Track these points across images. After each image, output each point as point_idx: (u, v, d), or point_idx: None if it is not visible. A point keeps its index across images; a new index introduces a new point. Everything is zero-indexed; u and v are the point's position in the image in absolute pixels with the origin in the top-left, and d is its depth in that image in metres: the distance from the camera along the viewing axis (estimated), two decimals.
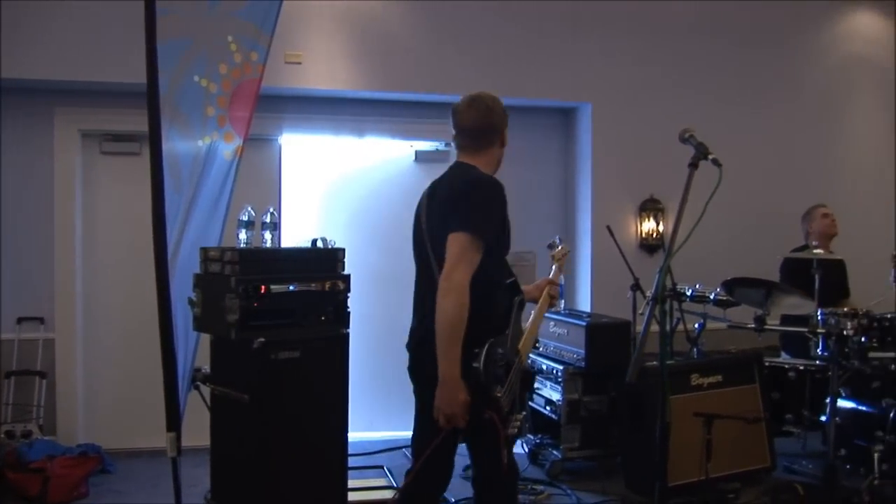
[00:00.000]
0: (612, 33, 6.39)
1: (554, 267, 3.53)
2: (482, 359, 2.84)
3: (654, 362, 3.17)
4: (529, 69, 6.17)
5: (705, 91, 6.59)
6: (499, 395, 2.86)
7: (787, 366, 5.03)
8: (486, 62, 6.07)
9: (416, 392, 3.13)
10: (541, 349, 5.45)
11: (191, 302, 3.90)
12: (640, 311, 2.35)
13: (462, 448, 3.04)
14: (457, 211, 2.87)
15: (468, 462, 3.10)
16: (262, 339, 3.65)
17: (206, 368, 3.93)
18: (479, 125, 3.07)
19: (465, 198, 2.89)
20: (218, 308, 3.71)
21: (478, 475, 3.03)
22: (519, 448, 4.88)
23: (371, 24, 5.88)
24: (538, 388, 5.40)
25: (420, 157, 6.44)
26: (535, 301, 3.32)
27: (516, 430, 2.91)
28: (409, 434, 3.20)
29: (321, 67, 5.77)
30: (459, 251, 2.80)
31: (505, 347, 2.90)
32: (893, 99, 7.17)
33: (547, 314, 3.61)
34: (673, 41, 6.54)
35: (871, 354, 4.72)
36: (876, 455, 4.48)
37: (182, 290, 3.89)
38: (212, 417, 3.91)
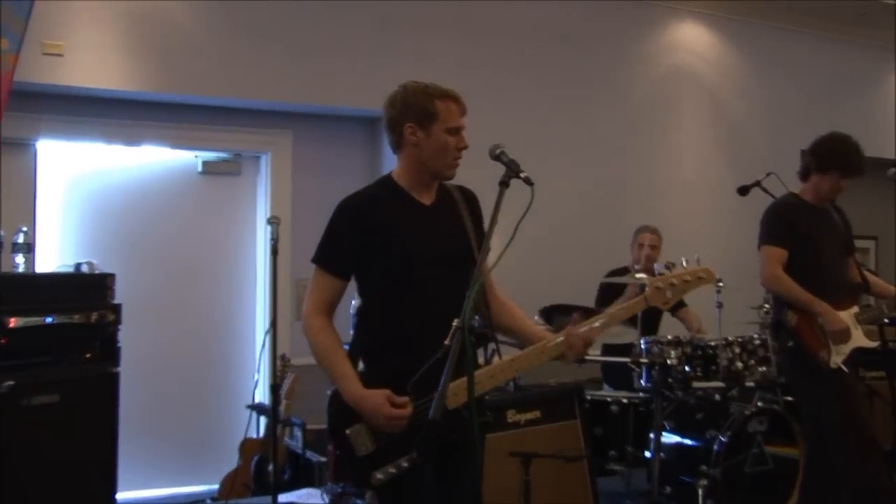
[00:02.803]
0: (426, 35, 6.56)
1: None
2: (329, 397, 2.89)
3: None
4: (333, 73, 6.25)
5: (527, 101, 6.88)
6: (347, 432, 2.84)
7: (609, 399, 5.26)
8: (285, 64, 6.10)
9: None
10: None
11: None
12: (445, 340, 2.42)
13: None
14: None
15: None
16: (11, 382, 3.49)
17: None
18: (385, 124, 3.08)
19: None
20: None
21: None
22: (318, 498, 4.88)
23: (152, 16, 5.76)
24: None
25: (208, 168, 6.36)
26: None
27: (383, 476, 2.81)
28: (193, 490, 3.14)
29: (88, 62, 5.60)
30: (310, 281, 2.97)
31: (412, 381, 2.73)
32: (717, 115, 7.77)
33: None
34: (493, 45, 6.80)
35: (695, 384, 5.07)
36: (700, 491, 4.80)
37: None
38: None
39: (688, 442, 5.05)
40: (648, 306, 3.06)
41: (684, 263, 3.13)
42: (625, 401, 5.22)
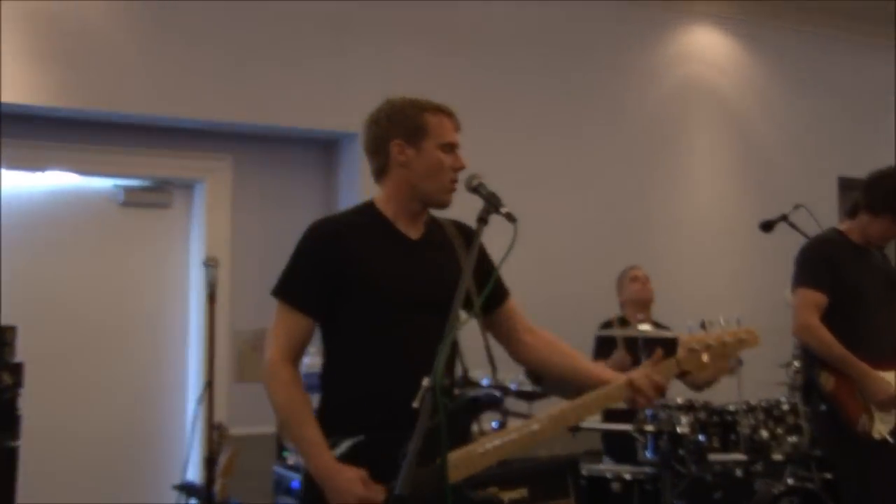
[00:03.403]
0: (391, 42, 6.63)
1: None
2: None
3: None
4: (281, 86, 6.30)
5: (510, 121, 6.95)
6: None
7: (609, 474, 5.24)
8: (223, 75, 6.11)
9: None
10: None
11: None
12: (414, 403, 2.44)
13: None
14: None
15: None
16: None
17: None
18: (367, 145, 3.17)
19: None
20: None
21: None
22: None
23: (60, 17, 5.75)
24: None
25: (130, 199, 6.36)
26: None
27: None
28: None
29: None
30: (273, 320, 3.01)
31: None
32: (736, 136, 7.86)
33: None
34: (471, 55, 6.87)
35: (712, 457, 5.10)
36: None
37: None
38: None
39: None
40: (680, 371, 3.11)
41: (722, 322, 3.18)
42: (628, 476, 5.21)
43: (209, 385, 4.85)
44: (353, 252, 2.97)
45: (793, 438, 5.06)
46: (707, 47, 7.81)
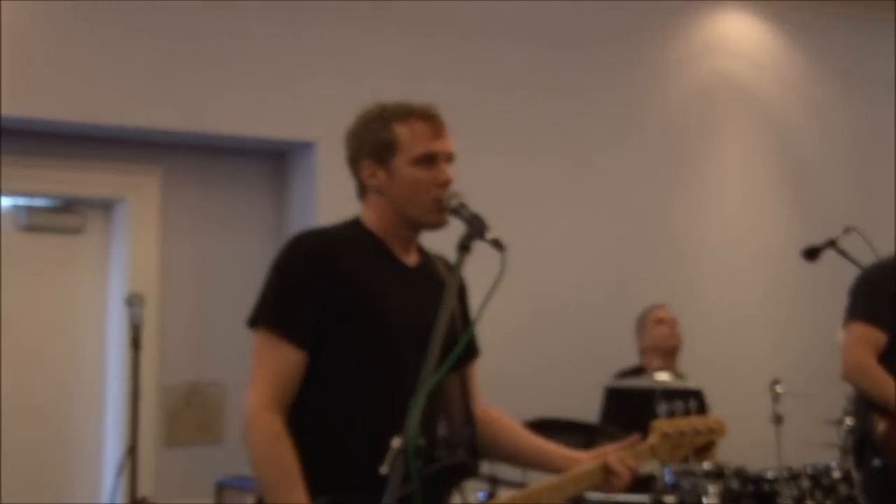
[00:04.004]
0: (352, 36, 6.64)
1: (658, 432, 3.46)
2: None
3: None
4: (221, 88, 6.30)
5: (504, 127, 6.96)
6: None
7: None
8: (150, 75, 6.10)
9: None
10: None
11: None
12: (382, 468, 2.43)
13: None
14: None
15: None
16: None
17: None
18: (348, 160, 3.22)
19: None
20: None
21: None
22: None
23: None
24: None
25: (35, 221, 6.32)
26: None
27: None
28: None
29: None
30: (253, 357, 2.99)
31: None
32: (775, 146, 7.88)
33: None
34: (457, 50, 6.89)
35: None
36: None
37: None
38: None
39: None
40: (653, 458, 3.37)
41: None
42: None
43: (132, 451, 4.83)
44: (350, 271, 3.01)
45: None
46: (738, 37, 7.85)
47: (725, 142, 7.74)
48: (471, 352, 3.29)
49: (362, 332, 2.99)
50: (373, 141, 3.12)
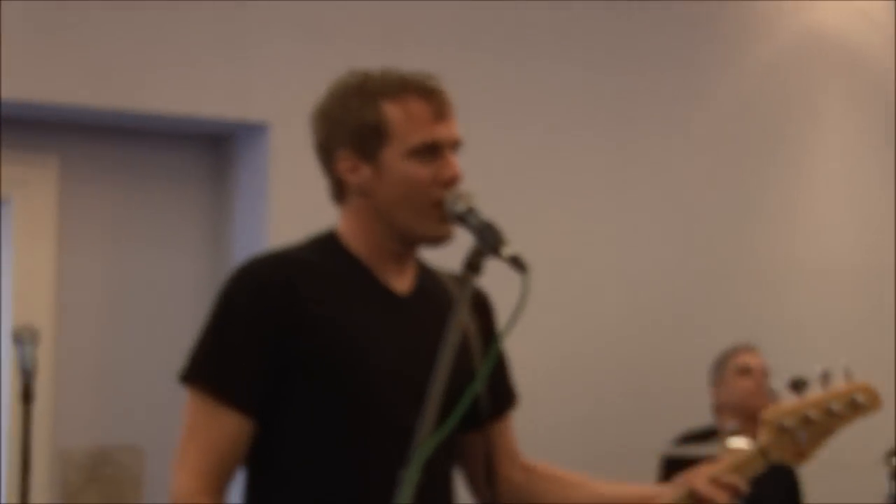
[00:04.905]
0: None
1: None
2: None
3: None
4: (141, 54, 6.31)
5: (506, 111, 6.98)
6: None
7: None
8: (44, 35, 6.09)
9: None
10: None
11: None
12: None
13: None
14: None
15: None
16: None
17: None
18: (318, 150, 3.17)
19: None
20: None
21: None
22: None
23: None
24: None
25: None
26: None
27: None
28: None
29: None
30: (184, 422, 3.00)
31: None
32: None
33: None
34: (445, 12, 6.88)
35: None
36: None
37: None
38: None
39: None
40: (767, 464, 3.22)
41: (818, 372, 3.29)
42: None
43: None
44: (313, 309, 2.98)
45: None
46: None
47: (825, 124, 7.79)
48: (502, 400, 3.31)
49: (331, 389, 2.97)
50: (353, 124, 3.06)
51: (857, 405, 3.26)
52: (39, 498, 5.87)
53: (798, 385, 3.22)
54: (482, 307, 3.19)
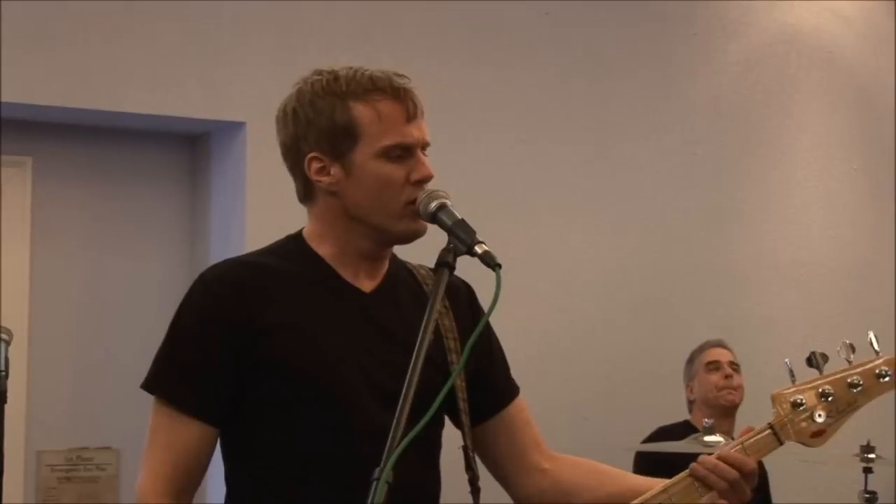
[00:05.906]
0: None
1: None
2: None
3: None
4: (115, 54, 6.31)
5: (482, 114, 6.97)
6: None
7: None
8: (19, 37, 6.07)
9: None
10: None
11: None
12: None
13: None
14: None
15: None
16: None
17: None
18: (285, 151, 3.18)
19: None
20: None
21: None
22: None
23: None
24: None
25: None
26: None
27: None
28: None
29: None
30: (148, 428, 3.01)
31: None
32: (873, 120, 7.95)
33: None
34: (418, 8, 6.89)
35: None
36: None
37: None
38: None
39: None
40: (779, 443, 3.14)
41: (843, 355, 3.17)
42: None
43: None
44: (274, 313, 2.98)
45: None
46: None
47: (799, 122, 7.81)
48: (500, 395, 3.36)
49: (297, 391, 2.96)
50: (323, 125, 3.05)
51: (881, 378, 3.13)
52: (15, 499, 5.87)
53: (815, 359, 3.17)
54: (466, 297, 3.20)
